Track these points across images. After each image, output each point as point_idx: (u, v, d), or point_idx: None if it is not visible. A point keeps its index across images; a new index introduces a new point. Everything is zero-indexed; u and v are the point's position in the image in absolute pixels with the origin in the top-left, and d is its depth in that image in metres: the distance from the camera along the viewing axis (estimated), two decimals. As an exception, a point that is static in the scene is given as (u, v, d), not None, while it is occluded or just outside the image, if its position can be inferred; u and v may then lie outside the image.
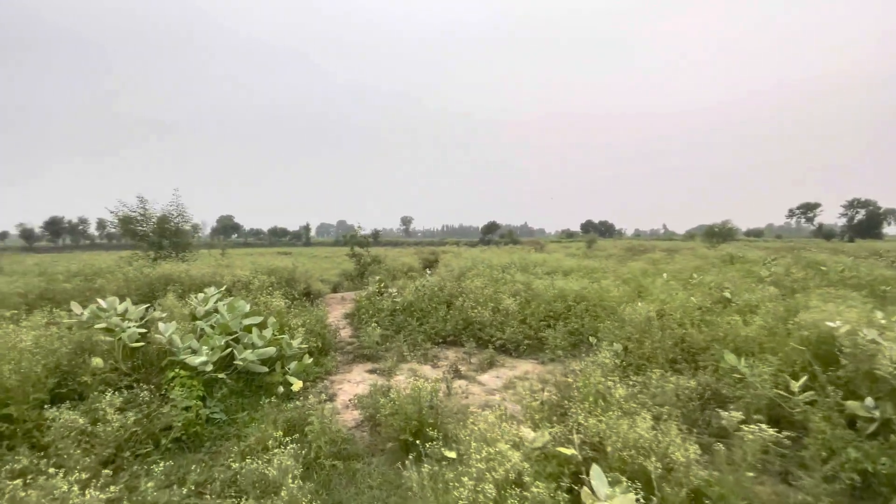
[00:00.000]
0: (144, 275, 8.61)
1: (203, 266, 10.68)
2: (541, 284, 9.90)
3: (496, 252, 21.21)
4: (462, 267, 13.64)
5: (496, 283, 10.22)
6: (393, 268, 15.88)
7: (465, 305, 8.11)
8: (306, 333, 6.56)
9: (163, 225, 12.31)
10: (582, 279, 12.04)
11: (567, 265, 15.57)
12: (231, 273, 10.40)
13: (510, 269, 13.66)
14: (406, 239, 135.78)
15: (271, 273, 10.98)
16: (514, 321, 7.69)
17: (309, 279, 11.87)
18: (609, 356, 5.42)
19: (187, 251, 12.98)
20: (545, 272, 13.64)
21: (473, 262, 15.49)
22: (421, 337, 7.52)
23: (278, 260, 12.63)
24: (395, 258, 18.66)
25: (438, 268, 15.47)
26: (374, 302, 9.57)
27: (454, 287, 9.49)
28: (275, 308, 6.68)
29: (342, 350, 7.40)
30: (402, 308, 8.91)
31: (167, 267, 9.26)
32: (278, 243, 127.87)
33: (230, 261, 13.34)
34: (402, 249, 42.67)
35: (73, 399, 4.20)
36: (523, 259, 16.79)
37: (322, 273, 27.17)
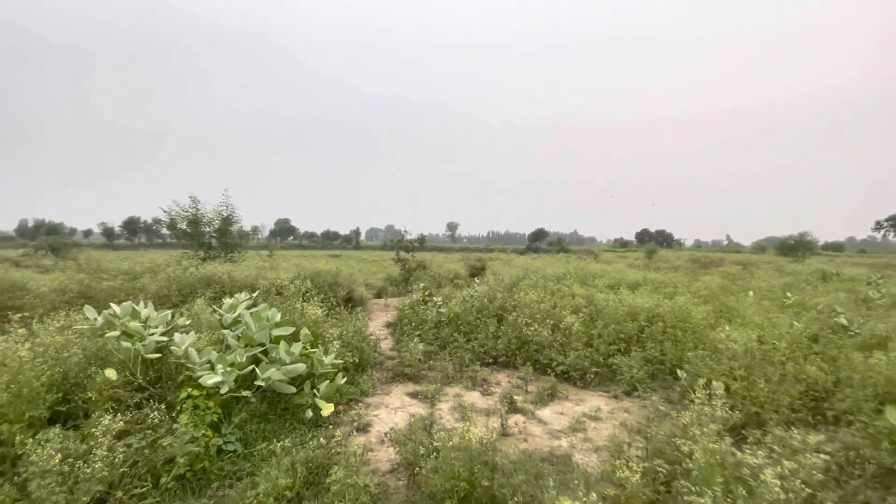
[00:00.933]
0: (188, 275, 8.42)
1: (247, 268, 10.49)
2: (605, 299, 8.68)
3: (548, 260, 19.88)
4: (513, 276, 12.61)
5: (553, 295, 9.11)
6: (438, 274, 15.15)
7: (519, 321, 7.11)
8: (343, 346, 5.89)
9: (212, 225, 12.38)
10: (652, 294, 10.64)
11: (631, 277, 14.05)
12: (275, 276, 10.10)
13: (566, 280, 12.45)
14: (451, 245, 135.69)
15: (314, 276, 10.59)
16: (578, 343, 6.59)
17: (352, 284, 11.38)
18: (709, 398, 4.24)
19: (236, 252, 12.99)
20: (606, 285, 12.29)
21: (525, 271, 14.39)
22: (468, 355, 6.62)
23: (324, 263, 12.31)
24: (441, 264, 17.93)
25: (486, 276, 14.53)
26: (418, 312, 8.82)
27: (506, 299, 8.52)
28: (310, 317, 6.08)
29: (381, 365, 6.66)
30: (448, 320, 8.07)
31: (210, 268, 9.06)
32: (330, 246, 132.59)
33: (276, 262, 13.21)
34: (447, 255, 42.05)
35: (78, 417, 3.72)
36: (581, 269, 15.44)
37: (367, 276, 27.05)
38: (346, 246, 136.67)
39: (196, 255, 12.13)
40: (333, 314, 8.25)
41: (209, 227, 12.46)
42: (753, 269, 23.38)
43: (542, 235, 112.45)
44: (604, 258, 34.28)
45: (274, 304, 6.59)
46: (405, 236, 19.28)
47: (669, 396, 5.59)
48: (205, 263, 11.04)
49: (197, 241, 12.29)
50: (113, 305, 4.22)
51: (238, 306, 5.23)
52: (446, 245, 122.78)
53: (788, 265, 24.81)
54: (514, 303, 8.13)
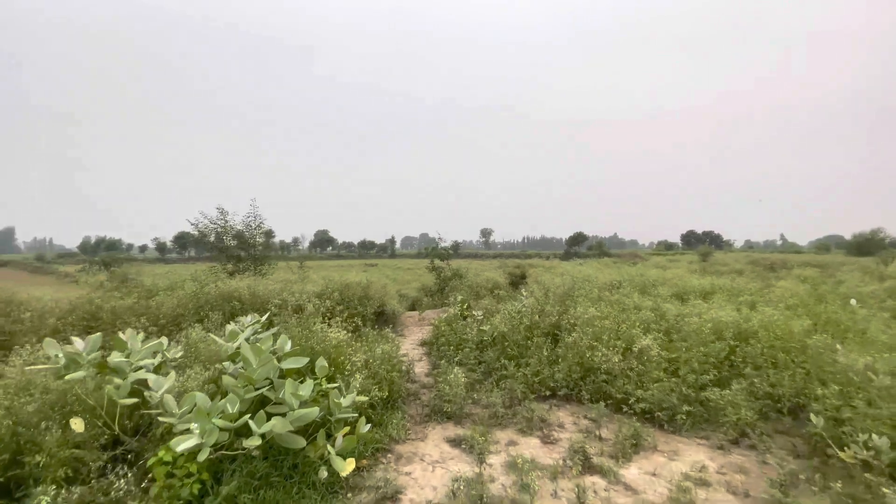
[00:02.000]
0: (206, 291, 7.78)
1: (273, 281, 9.82)
2: (680, 313, 7.25)
3: (596, 266, 18.27)
4: (560, 285, 11.29)
5: (612, 307, 7.76)
6: (476, 284, 14.01)
7: (581, 343, 5.86)
8: (369, 377, 4.90)
9: (241, 238, 11.92)
10: (728, 305, 9.04)
11: (696, 285, 12.34)
12: (301, 289, 9.35)
13: (623, 289, 10.97)
14: (486, 251, 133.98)
15: (343, 289, 9.76)
16: (659, 371, 5.26)
17: (384, 296, 10.47)
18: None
19: (265, 264, 12.47)
20: (671, 294, 10.72)
21: (573, 279, 13.00)
22: (520, 387, 5.44)
23: (355, 274, 11.53)
24: (478, 272, 16.80)
25: (529, 285, 13.25)
26: (456, 329, 7.73)
27: (560, 314, 7.28)
28: (331, 341, 5.13)
29: (415, 397, 5.61)
30: (492, 340, 6.92)
31: (232, 282, 8.41)
32: (366, 255, 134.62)
33: (306, 274, 12.60)
34: (482, 262, 40.80)
35: (30, 486, 2.90)
36: (637, 276, 13.83)
37: (401, 286, 26.23)
38: (382, 255, 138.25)
39: (224, 268, 11.68)
40: (360, 334, 7.33)
41: (237, 240, 12.01)
42: (833, 271, 20.59)
43: (581, 239, 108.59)
44: (653, 262, 31.86)
45: (289, 326, 5.71)
46: (439, 244, 18.34)
47: (795, 447, 4.17)
48: (231, 277, 10.52)
49: (225, 253, 11.86)
50: (76, 340, 3.41)
51: (242, 332, 4.34)
52: (480, 252, 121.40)
53: (874, 267, 21.72)
54: (570, 319, 6.87)
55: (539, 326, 6.88)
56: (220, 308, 7.52)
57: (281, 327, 5.68)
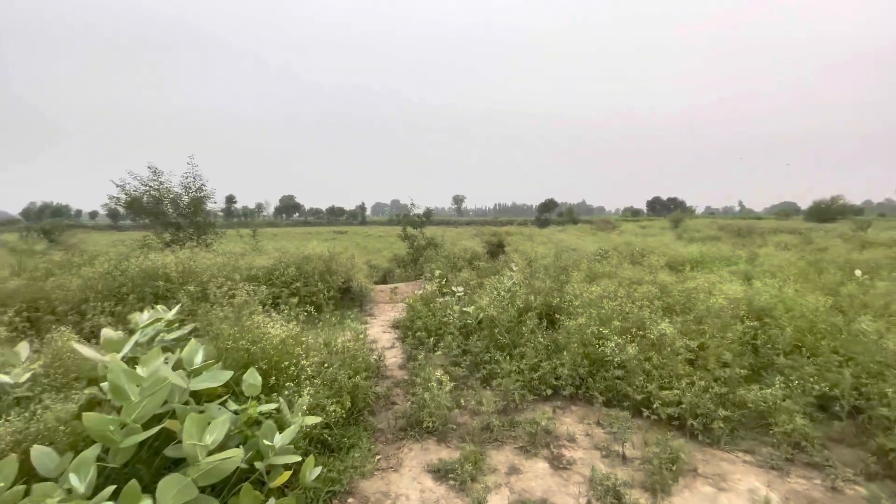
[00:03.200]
0: (121, 269, 6.23)
1: (217, 254, 8.28)
2: (684, 289, 6.41)
3: (576, 234, 17.50)
4: (544, 255, 10.31)
5: (611, 281, 6.82)
6: (452, 254, 12.86)
7: (586, 330, 4.86)
8: (324, 385, 3.71)
9: (179, 201, 10.14)
10: (730, 277, 8.35)
11: (685, 253, 11.70)
12: (250, 264, 7.90)
13: (611, 259, 10.13)
14: (458, 218, 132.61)
15: (302, 263, 8.36)
16: (681, 364, 4.34)
17: (350, 270, 9.16)
18: None
19: (209, 233, 10.78)
20: (664, 264, 9.94)
21: (557, 247, 12.08)
22: (517, 385, 4.41)
23: (316, 244, 10.09)
24: (454, 241, 15.64)
25: (510, 255, 12.24)
26: (434, 310, 6.61)
27: (553, 291, 6.27)
28: (273, 340, 3.86)
29: (386, 401, 4.50)
30: (477, 325, 5.85)
31: (159, 256, 6.86)
32: (336, 222, 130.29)
33: (261, 244, 11.02)
34: (455, 229, 39.63)
35: None
36: (621, 244, 13.08)
37: (372, 255, 24.76)
38: (352, 222, 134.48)
39: (160, 237, 9.95)
40: (319, 320, 6.10)
41: (174, 205, 10.22)
42: (810, 238, 20.74)
43: (552, 206, 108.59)
44: (626, 230, 31.64)
45: (213, 320, 4.36)
46: (412, 210, 16.95)
47: (867, 466, 3.35)
48: (167, 249, 8.89)
49: (160, 220, 10.09)
50: None
51: (129, 339, 3.00)
52: (453, 219, 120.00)
53: (850, 233, 22.13)
54: (568, 298, 5.85)
55: (532, 307, 5.84)
56: (140, 290, 6.04)
57: (201, 324, 4.33)
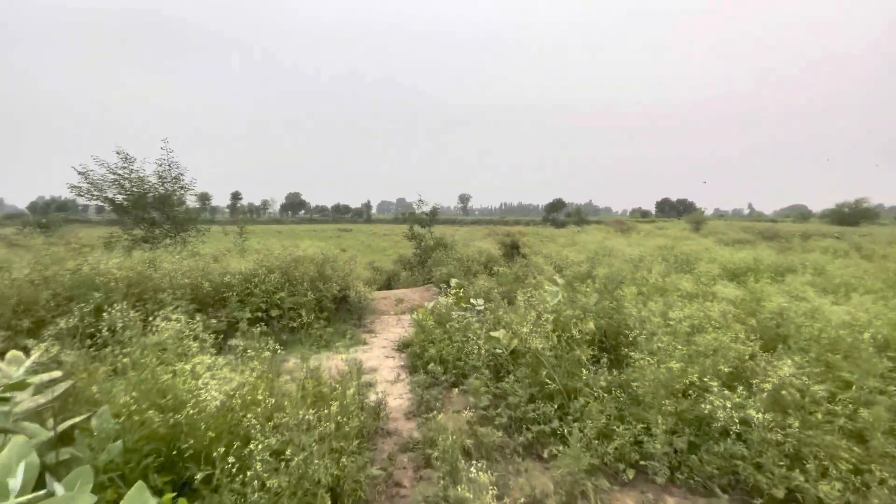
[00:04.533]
0: (43, 278, 4.82)
1: (186, 256, 6.84)
2: (773, 306, 4.89)
3: (598, 235, 15.91)
4: (579, 261, 8.79)
5: (684, 301, 5.31)
6: (465, 256, 11.36)
7: (672, 375, 3.36)
8: (288, 488, 2.25)
9: (138, 197, 8.72)
10: (813, 290, 6.79)
11: (737, 259, 10.12)
12: (224, 268, 6.46)
13: (654, 266, 8.57)
14: (464, 217, 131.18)
15: (292, 266, 6.91)
16: (834, 437, 2.84)
17: (348, 275, 7.70)
18: None
19: (188, 229, 9.37)
20: (717, 273, 8.38)
21: (589, 251, 10.52)
22: (583, 463, 2.92)
23: (310, 243, 8.66)
24: (465, 241, 14.14)
25: (532, 259, 10.73)
26: (451, 331, 5.14)
27: (612, 312, 4.77)
28: (209, 405, 2.38)
29: (387, 487, 3.02)
30: (510, 356, 4.37)
31: (103, 260, 5.44)
32: (341, 220, 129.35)
33: (247, 244, 9.60)
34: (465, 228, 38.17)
35: None
36: (658, 248, 11.52)
37: (376, 255, 23.26)
38: (357, 219, 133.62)
39: (129, 235, 8.56)
40: (311, 336, 4.66)
41: (145, 196, 8.82)
42: (857, 242, 19.00)
43: (560, 206, 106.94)
44: (644, 231, 29.88)
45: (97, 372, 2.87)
46: (419, 208, 15.47)
47: None
48: (133, 249, 7.50)
49: (129, 215, 8.70)
50: None
51: None
52: (458, 217, 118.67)
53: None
54: (633, 322, 4.35)
55: (587, 335, 4.34)
56: (65, 305, 4.63)
57: (72, 384, 2.77)
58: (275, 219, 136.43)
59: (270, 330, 5.97)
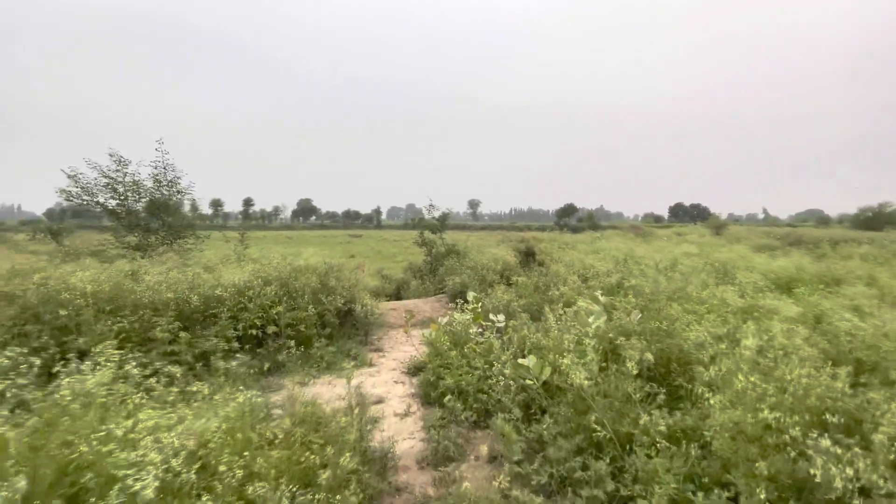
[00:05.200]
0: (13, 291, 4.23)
1: (169, 267, 6.20)
2: (850, 327, 4.07)
3: (619, 242, 15.05)
4: (608, 271, 8.02)
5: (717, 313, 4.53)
6: (480, 264, 10.61)
7: (766, 426, 2.60)
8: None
9: (138, 195, 8.20)
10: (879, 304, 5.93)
11: (777, 268, 9.25)
12: (212, 281, 5.83)
13: (687, 275, 7.77)
14: (474, 223, 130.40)
15: (289, 277, 6.26)
16: None
17: (354, 287, 7.04)
18: None
19: (184, 236, 8.80)
20: (762, 284, 7.54)
21: (613, 258, 9.70)
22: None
23: (313, 252, 8.03)
24: (479, 248, 13.40)
25: (550, 266, 9.95)
26: (470, 354, 4.42)
27: (662, 333, 4.01)
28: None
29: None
30: (543, 389, 3.64)
31: (77, 272, 4.86)
32: (351, 226, 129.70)
33: (248, 251, 9.02)
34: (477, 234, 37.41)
35: None
36: (695, 257, 10.68)
37: (386, 262, 22.60)
38: (368, 225, 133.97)
39: (121, 241, 8.02)
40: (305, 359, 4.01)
41: (143, 199, 8.30)
42: (886, 247, 17.82)
43: (572, 211, 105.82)
44: (663, 236, 28.76)
45: None
46: (430, 213, 14.78)
47: None
48: (131, 256, 6.95)
49: (123, 222, 8.18)
50: None
51: None
52: (468, 223, 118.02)
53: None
54: (694, 349, 3.59)
55: (638, 366, 3.58)
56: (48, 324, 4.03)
57: None
58: (286, 225, 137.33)
59: (266, 350, 5.33)
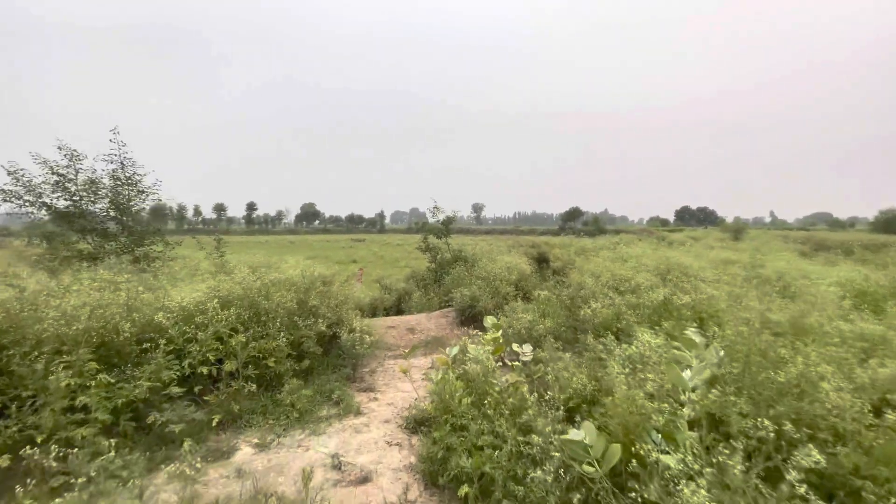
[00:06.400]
0: None
1: (103, 283, 4.92)
2: None
3: (645, 248, 13.64)
4: (650, 283, 6.67)
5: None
6: (491, 273, 9.22)
7: None
8: None
9: (98, 195, 6.96)
10: None
11: (837, 278, 7.88)
12: (157, 302, 4.53)
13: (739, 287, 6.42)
14: (477, 227, 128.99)
15: (258, 297, 4.96)
16: None
17: (342, 305, 5.75)
18: None
19: (152, 242, 7.49)
20: (847, 302, 6.16)
21: (667, 267, 8.27)
22: None
23: (295, 263, 6.72)
24: (490, 255, 12.04)
25: (574, 277, 8.59)
26: (494, 417, 3.11)
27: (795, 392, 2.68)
28: None
29: None
30: (612, 484, 2.33)
31: None
32: (355, 230, 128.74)
33: (222, 259, 7.71)
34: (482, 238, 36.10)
35: None
36: (733, 265, 9.34)
37: (388, 267, 21.21)
38: (371, 229, 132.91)
39: (68, 250, 6.74)
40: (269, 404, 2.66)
41: (101, 199, 7.05)
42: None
43: (577, 215, 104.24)
44: (679, 240, 27.15)
45: None
46: (437, 215, 13.47)
47: None
48: (87, 265, 5.70)
49: (73, 225, 6.92)
50: None
51: None
52: (472, 227, 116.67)
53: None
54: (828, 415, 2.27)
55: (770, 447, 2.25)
56: None
57: None
58: (290, 229, 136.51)
59: (216, 395, 4.03)
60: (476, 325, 8.16)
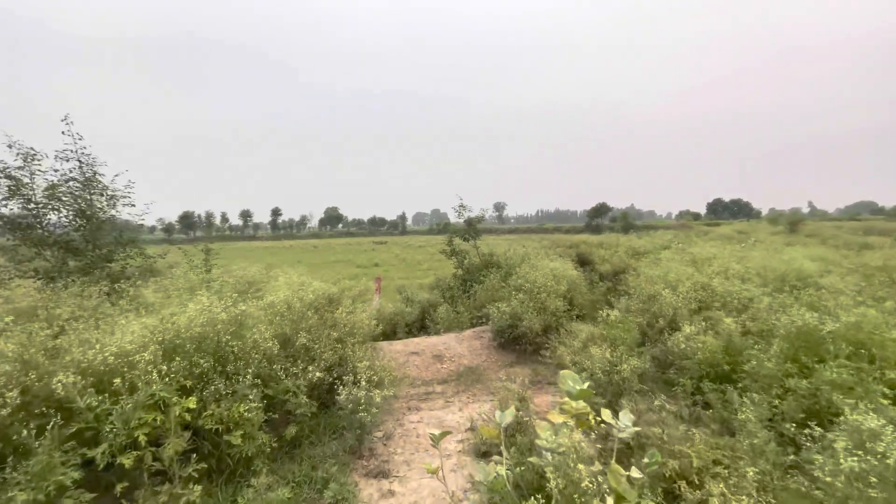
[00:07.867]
0: None
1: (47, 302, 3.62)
2: None
3: (702, 244, 11.64)
4: (758, 298, 4.93)
5: None
6: (535, 284, 7.47)
7: None
8: None
9: (59, 199, 5.73)
10: None
11: None
12: (71, 350, 3.17)
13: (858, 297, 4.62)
14: (500, 226, 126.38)
15: (224, 334, 3.55)
16: None
17: (347, 338, 4.28)
18: None
19: (123, 256, 6.23)
20: None
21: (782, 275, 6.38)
22: None
23: (287, 277, 5.31)
24: (527, 258, 10.30)
25: (627, 281, 6.85)
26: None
27: None
28: None
29: None
30: None
31: None
32: (377, 232, 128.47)
33: (209, 273, 6.37)
34: (505, 238, 34.35)
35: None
36: (836, 266, 7.41)
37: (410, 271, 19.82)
38: (393, 231, 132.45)
39: (19, 267, 5.54)
40: None
41: (66, 206, 5.84)
42: None
43: (604, 211, 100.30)
44: (725, 235, 24.53)
45: None
46: (461, 213, 11.85)
47: None
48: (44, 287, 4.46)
49: (29, 237, 5.73)
50: None
51: None
52: (494, 226, 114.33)
53: None
54: None
55: None
56: None
57: None
58: (314, 233, 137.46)
59: (144, 495, 2.59)
60: (518, 351, 6.58)
